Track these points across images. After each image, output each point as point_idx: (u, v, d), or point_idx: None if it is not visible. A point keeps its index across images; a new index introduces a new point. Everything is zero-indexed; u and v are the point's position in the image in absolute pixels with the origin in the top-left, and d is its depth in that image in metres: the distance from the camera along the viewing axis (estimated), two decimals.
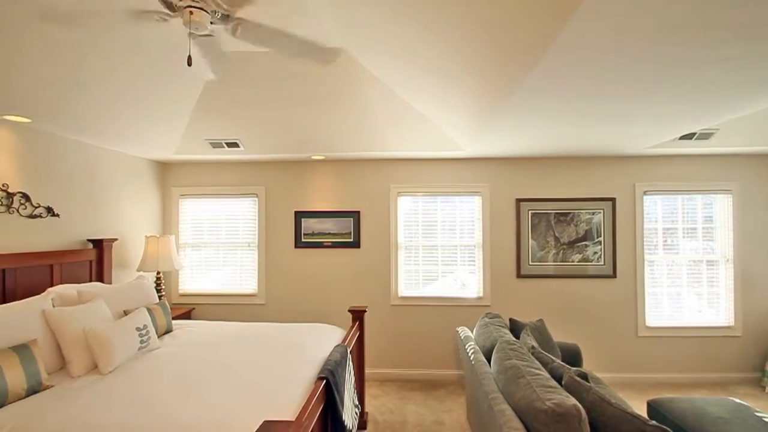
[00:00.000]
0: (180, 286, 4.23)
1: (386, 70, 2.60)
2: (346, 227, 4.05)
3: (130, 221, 3.74)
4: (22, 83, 2.15)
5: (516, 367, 1.88)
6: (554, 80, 1.89)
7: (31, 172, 2.74)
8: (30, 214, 2.72)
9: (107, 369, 2.13)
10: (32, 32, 1.86)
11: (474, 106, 2.59)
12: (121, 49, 2.19)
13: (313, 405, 1.64)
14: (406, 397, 3.52)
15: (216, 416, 1.61)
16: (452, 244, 4.00)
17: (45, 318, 2.18)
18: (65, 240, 3.01)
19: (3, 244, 2.53)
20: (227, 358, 2.31)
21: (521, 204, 3.91)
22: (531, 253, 3.90)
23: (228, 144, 3.53)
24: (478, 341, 2.66)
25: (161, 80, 2.61)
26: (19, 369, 1.82)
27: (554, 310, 3.88)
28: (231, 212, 4.23)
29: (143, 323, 2.50)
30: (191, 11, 1.73)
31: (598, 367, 3.83)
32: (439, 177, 4.01)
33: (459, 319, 3.94)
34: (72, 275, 2.97)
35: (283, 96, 2.94)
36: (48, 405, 1.72)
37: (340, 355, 2.19)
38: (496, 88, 2.18)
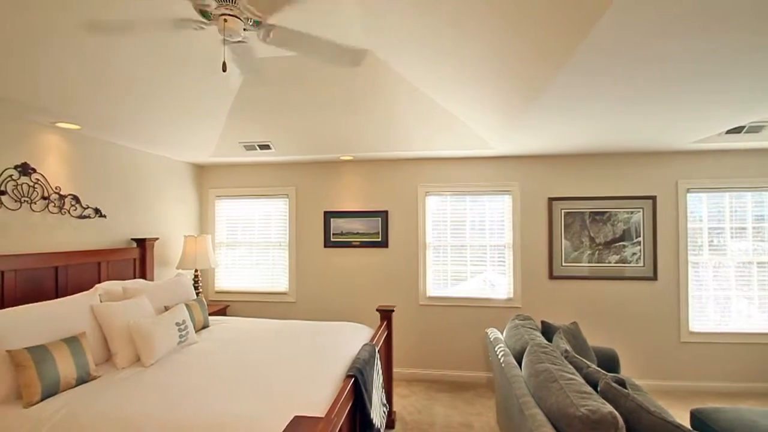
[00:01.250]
0: (216, 283, 4.40)
1: (414, 70, 2.59)
2: (374, 227, 4.07)
3: (170, 221, 3.93)
4: (71, 92, 2.31)
5: (548, 371, 1.83)
6: (589, 73, 1.83)
7: (80, 176, 2.94)
8: (80, 215, 2.91)
9: (149, 361, 2.24)
10: (81, 44, 1.99)
11: (504, 104, 2.54)
12: (161, 58, 2.31)
13: (342, 402, 1.66)
14: (433, 398, 3.50)
15: (248, 410, 1.67)
16: (481, 243, 3.94)
17: (93, 312, 2.33)
18: (111, 239, 3.21)
19: (56, 243, 2.73)
20: (260, 354, 2.39)
21: (553, 203, 3.80)
22: (564, 253, 3.78)
23: (260, 146, 3.64)
24: (508, 343, 2.61)
25: (198, 87, 2.73)
26: (69, 360, 1.95)
27: (589, 312, 3.74)
28: (263, 212, 4.36)
29: (182, 319, 2.62)
30: (226, 19, 1.80)
31: (637, 374, 3.67)
32: (468, 176, 3.96)
33: (488, 320, 3.87)
34: (117, 272, 3.16)
35: (312, 98, 3.00)
36: (95, 394, 1.84)
37: (369, 353, 2.21)
38: (527, 84, 2.13)
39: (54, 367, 1.86)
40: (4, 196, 2.39)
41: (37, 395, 1.75)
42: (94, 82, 2.29)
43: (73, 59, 2.06)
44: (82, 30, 1.89)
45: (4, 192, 2.39)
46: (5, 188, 2.40)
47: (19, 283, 2.41)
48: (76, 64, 2.11)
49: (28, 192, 2.54)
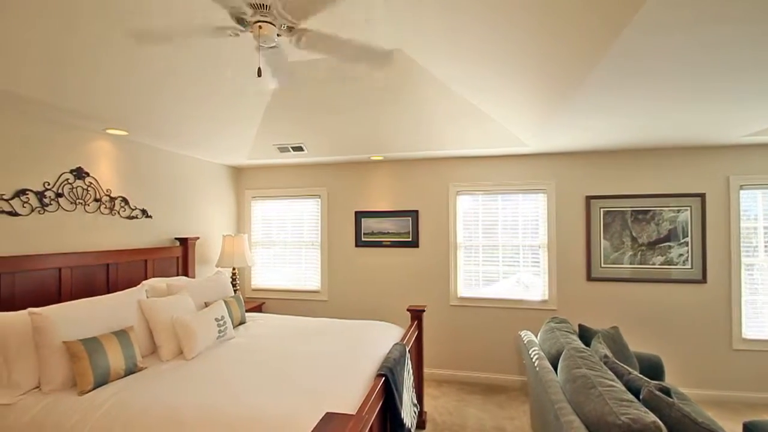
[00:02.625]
0: (252, 281, 4.56)
1: (445, 69, 2.57)
2: (404, 227, 4.07)
3: (209, 221, 4.11)
4: (120, 100, 2.46)
5: (586, 376, 1.77)
6: (631, 64, 1.74)
7: (128, 179, 3.13)
8: (128, 215, 3.10)
9: (191, 355, 2.36)
10: (128, 56, 2.12)
11: (539, 100, 2.47)
12: (201, 66, 2.42)
13: (373, 401, 1.68)
14: (465, 399, 3.46)
15: (282, 405, 1.72)
16: (514, 243, 3.84)
17: (140, 307, 2.47)
18: (156, 238, 3.39)
19: (108, 242, 2.92)
20: (293, 350, 2.45)
21: (592, 201, 3.65)
22: (603, 254, 3.62)
23: (293, 148, 3.73)
24: (542, 347, 2.53)
25: (235, 92, 2.83)
26: (119, 351, 2.08)
27: (631, 316, 3.57)
28: (296, 213, 4.47)
29: (221, 314, 2.73)
30: (260, 26, 1.86)
31: (684, 382, 3.46)
32: (500, 174, 3.87)
33: (521, 322, 3.78)
34: (162, 269, 3.34)
35: (343, 99, 3.04)
36: (142, 384, 1.95)
37: (399, 353, 2.22)
38: (564, 78, 2.06)
39: (105, 358, 1.99)
40: (61, 199, 2.59)
41: (89, 384, 1.89)
42: (140, 90, 2.43)
43: (121, 70, 2.20)
44: (130, 43, 2.02)
45: (61, 194, 2.59)
46: (62, 191, 2.60)
47: (75, 279, 2.61)
48: (124, 75, 2.25)
49: (82, 194, 2.73)
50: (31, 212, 2.41)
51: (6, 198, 2.29)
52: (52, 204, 2.53)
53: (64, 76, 2.09)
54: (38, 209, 2.45)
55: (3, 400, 1.76)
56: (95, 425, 1.63)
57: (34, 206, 2.43)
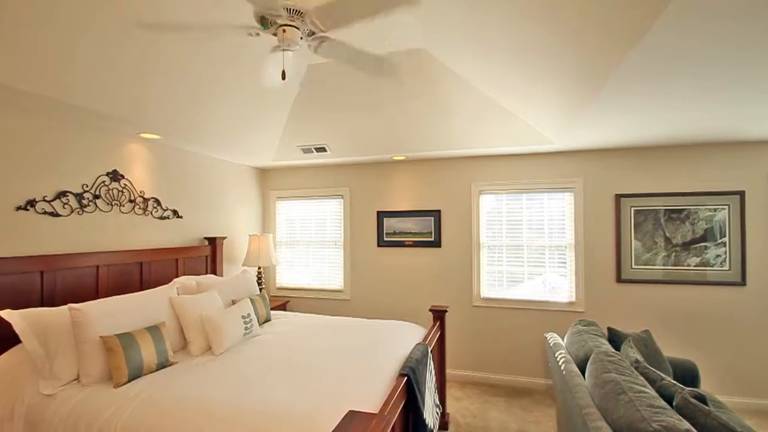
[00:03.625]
0: (277, 280, 4.65)
1: (468, 67, 2.55)
2: (426, 226, 4.06)
3: (236, 221, 4.22)
4: (153, 106, 2.56)
5: (615, 381, 1.71)
6: (666, 52, 1.67)
7: (160, 181, 3.25)
8: (160, 216, 3.23)
9: (219, 351, 2.43)
10: (161, 65, 2.21)
11: (566, 96, 2.41)
12: (227, 73, 2.49)
13: (395, 400, 1.68)
14: (488, 402, 3.41)
15: (305, 401, 1.75)
16: (540, 244, 3.76)
17: (171, 304, 2.57)
18: (187, 238, 3.52)
19: (141, 241, 3.05)
20: (317, 348, 2.49)
21: (622, 200, 3.53)
22: (634, 255, 3.49)
23: (317, 149, 3.78)
24: (569, 350, 2.47)
25: (260, 96, 2.90)
26: (151, 346, 2.17)
27: (664, 320, 3.43)
28: (319, 213, 4.53)
29: (247, 312, 2.80)
30: (284, 29, 1.89)
31: (721, 390, 3.29)
32: (525, 173, 3.80)
33: (547, 324, 3.69)
34: (192, 268, 3.46)
35: (366, 99, 3.06)
36: (173, 378, 2.03)
37: (421, 353, 2.21)
38: (592, 71, 2.00)
39: (139, 353, 2.08)
40: (98, 200, 2.72)
41: (124, 377, 1.97)
42: (172, 96, 2.52)
43: (155, 78, 2.29)
44: (164, 53, 2.10)
45: (98, 196, 2.72)
46: (99, 192, 2.73)
47: (111, 277, 2.74)
48: (157, 82, 2.34)
49: (118, 196, 2.86)
50: (71, 213, 2.55)
51: (48, 199, 2.42)
52: (90, 205, 2.66)
53: (103, 84, 2.19)
54: (77, 210, 2.59)
55: (45, 391, 1.86)
56: (129, 417, 1.70)
57: (73, 207, 2.56)
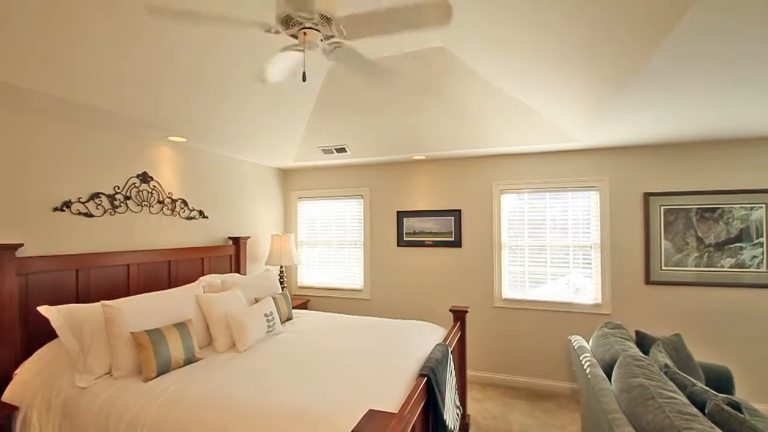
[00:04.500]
0: (298, 279, 4.72)
1: (489, 65, 2.51)
2: (446, 226, 4.03)
3: (259, 221, 4.31)
4: (180, 110, 2.65)
5: (644, 386, 1.66)
6: (697, 44, 1.60)
7: (187, 182, 3.36)
8: (187, 216, 3.33)
9: (243, 348, 2.49)
10: (188, 70, 2.28)
11: (590, 91, 2.34)
12: (250, 76, 2.54)
13: (415, 400, 1.68)
14: (509, 404, 3.36)
15: (326, 399, 1.77)
16: (563, 244, 3.67)
17: (198, 302, 2.65)
18: (212, 237, 3.62)
19: (169, 241, 3.15)
20: (337, 347, 2.51)
21: (651, 199, 3.40)
22: (664, 255, 3.36)
23: (337, 149, 3.82)
24: (595, 353, 2.41)
25: (282, 98, 2.95)
26: (179, 342, 2.24)
27: (695, 323, 3.29)
28: (340, 213, 4.57)
29: (270, 310, 2.86)
30: (304, 33, 1.91)
31: (757, 397, 3.13)
32: (547, 171, 3.72)
33: (571, 326, 3.61)
34: (217, 267, 3.55)
35: (385, 99, 3.06)
36: (199, 374, 2.09)
37: (441, 354, 2.20)
38: (618, 66, 1.94)
39: (167, 348, 2.15)
40: (129, 201, 2.83)
41: (153, 372, 2.05)
42: (198, 101, 2.60)
43: (182, 84, 2.37)
44: (190, 59, 2.17)
45: (129, 197, 2.83)
46: (130, 194, 2.84)
47: (141, 275, 2.84)
48: (184, 87, 2.42)
49: (147, 197, 2.97)
50: (103, 213, 2.66)
51: (82, 201, 2.54)
52: (121, 206, 2.77)
53: (133, 91, 2.28)
54: (110, 211, 2.70)
55: (80, 383, 1.96)
56: (157, 411, 1.77)
57: (106, 208, 2.68)
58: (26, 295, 2.20)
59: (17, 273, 2.14)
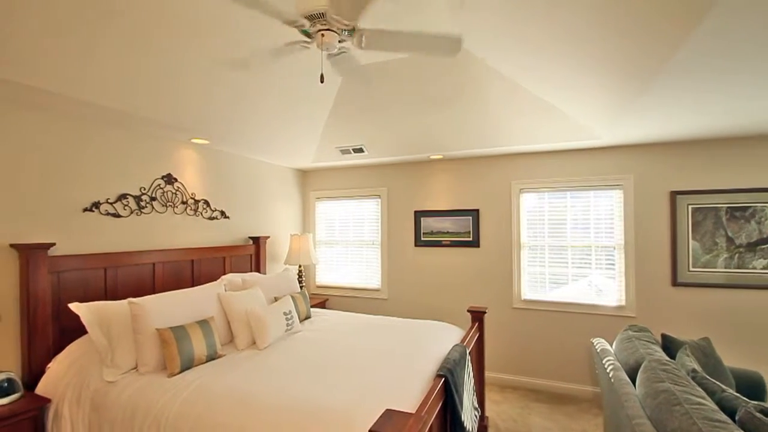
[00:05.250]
0: (316, 278, 4.77)
1: (507, 61, 2.48)
2: (464, 226, 4.00)
3: (278, 221, 4.38)
4: (202, 113, 2.72)
5: (670, 391, 1.61)
6: (729, 35, 1.54)
7: (209, 183, 3.44)
8: (209, 216, 3.42)
9: (263, 345, 2.54)
10: (208, 74, 2.34)
11: (615, 86, 2.29)
12: (270, 79, 2.58)
13: (432, 401, 1.68)
14: (529, 407, 3.30)
15: (343, 398, 1.78)
16: (585, 244, 3.59)
17: (219, 300, 2.71)
18: (233, 237, 3.69)
19: (192, 240, 3.24)
20: (355, 346, 2.53)
21: (678, 197, 3.29)
22: (692, 256, 3.24)
23: (354, 150, 3.84)
24: (618, 356, 2.34)
25: (302, 100, 2.98)
26: (202, 339, 2.30)
27: (725, 327, 3.16)
28: (357, 213, 4.59)
29: (289, 309, 2.90)
30: (323, 34, 1.94)
31: None
32: (569, 170, 3.64)
33: (594, 328, 3.52)
34: (237, 266, 3.63)
35: (404, 100, 3.06)
36: (221, 370, 2.14)
37: (459, 354, 2.19)
38: (644, 61, 1.89)
39: (190, 345, 2.21)
40: (154, 202, 2.92)
41: (177, 367, 2.11)
42: (219, 103, 2.66)
43: (203, 87, 2.43)
44: (213, 66, 2.22)
45: (154, 198, 2.92)
46: (155, 195, 2.93)
47: (166, 273, 2.93)
48: (205, 90, 2.48)
49: (172, 198, 3.06)
50: (130, 214, 2.75)
51: (111, 201, 2.64)
52: (147, 206, 2.87)
53: (157, 95, 2.36)
54: (136, 211, 2.79)
55: (108, 378, 2.03)
56: (181, 405, 1.82)
57: (132, 209, 2.77)
58: (58, 292, 2.30)
59: (49, 271, 2.24)
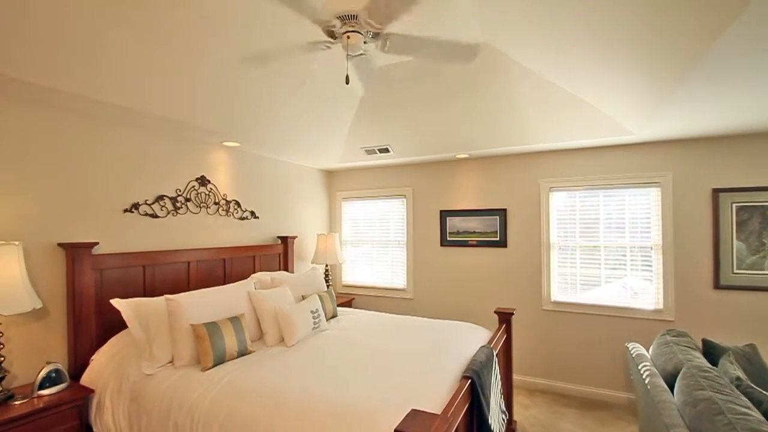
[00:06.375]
0: (343, 277, 4.83)
1: (535, 57, 2.42)
2: (491, 226, 3.93)
3: (305, 221, 4.46)
4: (233, 117, 2.81)
5: (711, 400, 1.53)
6: None
7: (240, 184, 3.55)
8: (240, 216, 3.53)
9: (291, 342, 2.59)
10: (239, 79, 2.41)
11: (650, 79, 2.19)
12: (297, 83, 2.64)
13: (458, 403, 1.66)
14: (559, 412, 3.21)
15: (369, 397, 1.79)
16: (619, 244, 3.45)
17: (249, 297, 2.79)
18: (262, 236, 3.80)
19: (224, 240, 3.35)
20: (381, 345, 2.54)
21: (720, 195, 3.11)
22: (736, 258, 3.06)
23: (380, 150, 3.85)
24: (655, 362, 2.25)
25: (327, 102, 3.03)
26: (233, 336, 2.37)
27: None
28: (383, 212, 4.61)
29: (316, 307, 2.95)
30: (348, 36, 1.96)
31: None
32: (601, 167, 3.51)
33: (629, 333, 3.38)
34: (266, 264, 3.72)
35: (428, 99, 3.05)
36: (252, 366, 2.20)
37: (486, 356, 2.16)
38: (681, 52, 1.80)
39: (222, 341, 2.29)
40: (189, 203, 3.05)
41: (210, 362, 2.19)
42: (249, 108, 2.75)
43: (235, 92, 2.51)
44: (243, 69, 2.29)
45: (189, 199, 3.04)
46: (190, 196, 3.06)
47: (200, 271, 3.05)
48: (237, 95, 2.56)
49: (205, 199, 3.18)
50: (167, 215, 2.88)
51: (149, 203, 2.77)
52: (182, 207, 2.99)
53: (192, 100, 2.45)
54: (172, 212, 2.92)
55: (146, 370, 2.13)
56: (215, 398, 1.89)
57: (169, 209, 2.90)
58: (101, 289, 2.44)
59: (93, 268, 2.38)
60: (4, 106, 2.08)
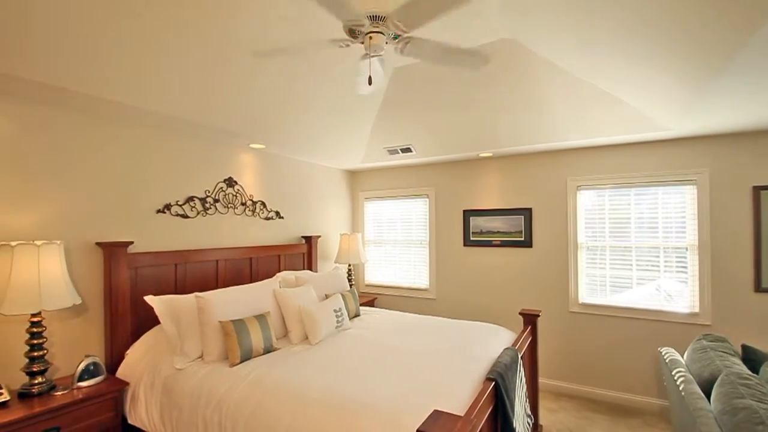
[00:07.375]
0: (365, 277, 4.85)
1: (563, 53, 2.36)
2: (516, 225, 3.86)
3: (329, 221, 4.51)
4: (259, 120, 2.88)
5: (752, 409, 1.45)
6: None
7: (265, 185, 3.63)
8: (266, 216, 3.61)
9: (314, 341, 2.63)
10: (266, 84, 2.47)
11: (686, 72, 2.09)
12: (320, 84, 2.67)
13: (482, 405, 1.65)
14: (588, 418, 3.12)
15: (391, 397, 1.80)
16: (652, 245, 3.31)
17: (275, 296, 2.85)
18: (287, 236, 3.87)
19: (251, 239, 3.44)
20: (403, 344, 2.54)
21: (762, 193, 2.94)
22: None
23: (402, 150, 3.85)
24: (690, 368, 2.15)
25: (349, 103, 3.06)
26: (259, 333, 2.43)
27: None
28: (405, 212, 4.60)
29: (339, 306, 2.98)
30: (371, 36, 1.97)
31: None
32: (632, 165, 3.38)
33: (662, 337, 3.24)
34: (291, 263, 3.79)
35: (452, 97, 3.02)
36: (277, 362, 2.25)
37: (510, 358, 2.12)
38: (721, 40, 1.71)
39: (249, 338, 2.35)
40: (217, 203, 3.14)
41: (237, 358, 2.25)
42: (274, 111, 2.81)
43: (260, 96, 2.57)
44: (269, 74, 2.34)
45: (217, 200, 3.14)
46: (218, 197, 3.15)
47: (227, 270, 3.14)
48: (262, 99, 2.62)
49: (232, 199, 3.27)
50: (197, 215, 2.98)
51: (180, 204, 2.87)
52: (211, 208, 3.09)
53: (220, 105, 2.53)
54: (201, 212, 3.02)
55: (177, 365, 2.22)
56: (241, 393, 1.94)
57: (198, 210, 3.00)
58: (135, 286, 2.55)
59: (128, 266, 2.49)
60: (51, 116, 2.21)
